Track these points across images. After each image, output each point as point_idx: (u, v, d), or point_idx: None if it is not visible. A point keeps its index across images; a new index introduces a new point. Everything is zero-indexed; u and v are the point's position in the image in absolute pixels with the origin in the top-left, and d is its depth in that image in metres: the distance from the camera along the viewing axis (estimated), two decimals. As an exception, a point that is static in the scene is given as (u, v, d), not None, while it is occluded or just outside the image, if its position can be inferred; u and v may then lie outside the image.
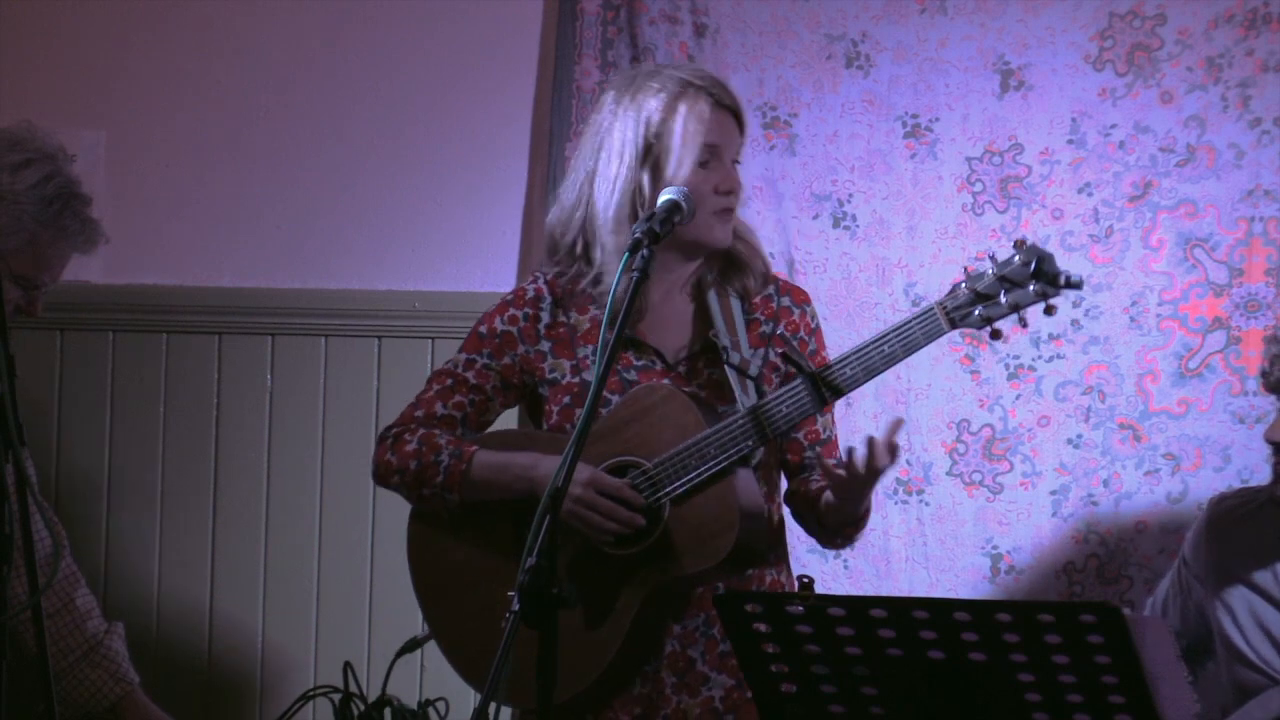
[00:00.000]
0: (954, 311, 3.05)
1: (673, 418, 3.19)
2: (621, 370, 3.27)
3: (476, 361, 3.35)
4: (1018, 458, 4.06)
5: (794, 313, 3.34)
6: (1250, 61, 3.98)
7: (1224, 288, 3.99)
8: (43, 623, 2.77)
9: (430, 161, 4.39)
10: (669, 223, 3.07)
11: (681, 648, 3.25)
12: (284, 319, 4.42)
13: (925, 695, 2.74)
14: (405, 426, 3.35)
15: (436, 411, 3.34)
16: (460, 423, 3.34)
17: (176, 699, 3.70)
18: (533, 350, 3.33)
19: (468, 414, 3.35)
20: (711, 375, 3.28)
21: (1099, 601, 2.93)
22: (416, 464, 3.29)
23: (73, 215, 3.34)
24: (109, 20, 4.53)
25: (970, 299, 3.05)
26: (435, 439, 3.30)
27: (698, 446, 3.15)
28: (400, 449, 3.32)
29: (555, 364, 3.32)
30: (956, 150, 4.11)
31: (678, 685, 3.25)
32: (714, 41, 4.21)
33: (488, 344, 3.34)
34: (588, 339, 3.31)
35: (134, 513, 4.44)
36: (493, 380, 3.34)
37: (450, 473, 3.26)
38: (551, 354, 3.33)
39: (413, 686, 4.17)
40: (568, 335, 3.33)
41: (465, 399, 3.35)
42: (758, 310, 3.32)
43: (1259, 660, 3.46)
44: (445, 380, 3.36)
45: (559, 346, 3.33)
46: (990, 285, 3.03)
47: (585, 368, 3.30)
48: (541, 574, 2.72)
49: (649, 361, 3.29)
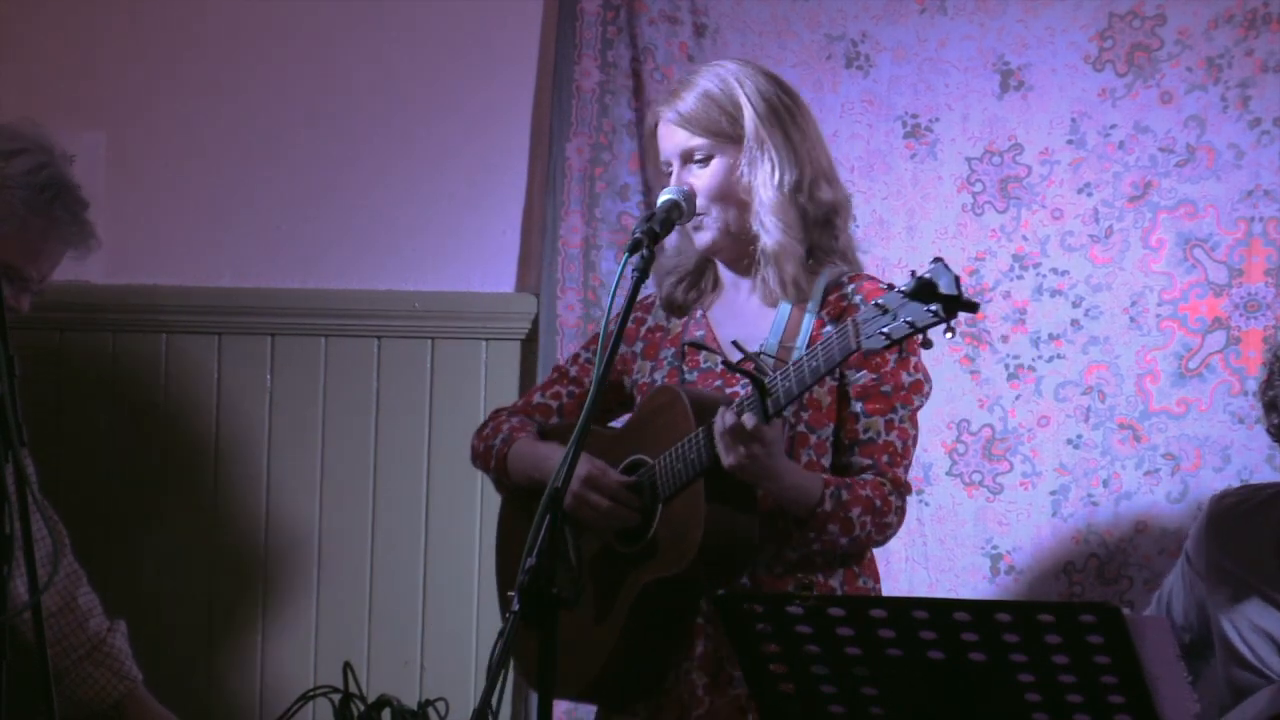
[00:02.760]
0: (862, 328, 2.96)
1: (673, 418, 3.20)
2: (685, 372, 3.31)
3: (581, 356, 3.48)
4: (1017, 458, 4.06)
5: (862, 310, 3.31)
6: (1250, 62, 3.98)
7: (1224, 288, 3.99)
8: (43, 622, 2.77)
9: (430, 161, 4.39)
10: (668, 222, 3.08)
11: (713, 648, 3.25)
12: (284, 319, 4.42)
13: (925, 695, 2.75)
14: (503, 409, 3.50)
15: (534, 400, 3.50)
16: (556, 412, 3.46)
17: (177, 699, 3.70)
18: (629, 351, 3.41)
19: (564, 404, 3.45)
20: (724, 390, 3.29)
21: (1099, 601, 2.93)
22: (483, 446, 3.44)
23: (63, 207, 3.33)
24: (109, 20, 4.53)
25: (874, 315, 2.96)
26: (503, 423, 3.44)
27: (683, 449, 3.16)
28: (481, 431, 3.48)
29: (641, 365, 3.38)
30: (956, 150, 4.11)
31: (710, 685, 3.25)
32: (714, 41, 4.21)
33: (596, 341, 3.35)
34: (673, 343, 3.35)
35: (134, 512, 4.44)
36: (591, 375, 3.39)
37: (498, 456, 3.40)
38: (642, 355, 3.39)
39: (413, 686, 4.17)
40: (660, 339, 3.38)
41: (564, 390, 3.47)
42: (827, 307, 3.27)
43: (1255, 659, 3.46)
44: (554, 372, 3.53)
45: (649, 348, 3.39)
46: (893, 303, 2.94)
47: (661, 367, 3.35)
48: (541, 574, 2.72)
49: (714, 364, 3.29)
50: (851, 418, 3.25)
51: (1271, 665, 3.45)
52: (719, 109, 3.25)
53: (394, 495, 4.35)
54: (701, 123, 3.25)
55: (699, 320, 3.35)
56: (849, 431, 3.25)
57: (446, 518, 4.30)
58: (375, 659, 4.29)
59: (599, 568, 3.26)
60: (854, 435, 3.25)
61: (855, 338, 2.97)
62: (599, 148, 4.26)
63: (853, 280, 3.28)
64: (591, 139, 4.26)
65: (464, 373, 4.31)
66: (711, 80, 3.27)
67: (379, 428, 4.36)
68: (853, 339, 2.98)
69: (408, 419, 4.34)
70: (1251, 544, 3.52)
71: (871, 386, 3.24)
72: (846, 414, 3.25)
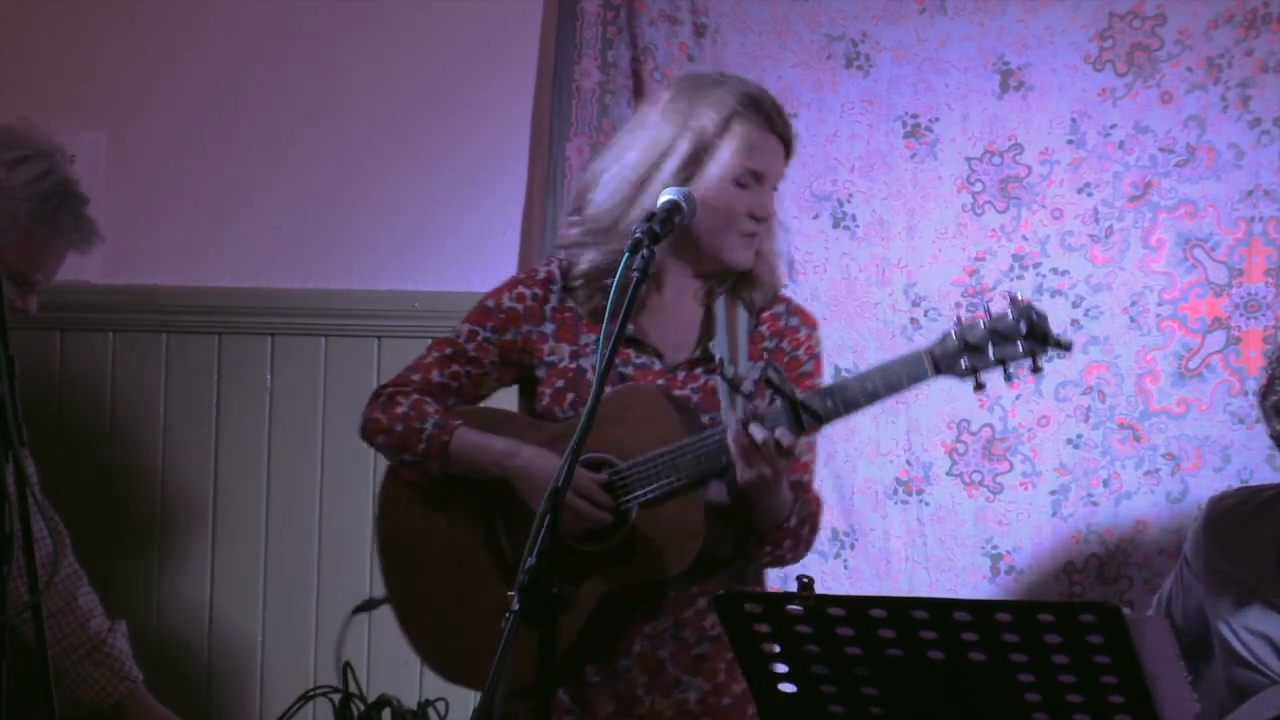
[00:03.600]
0: (941, 359, 3.04)
1: (653, 421, 3.19)
2: (620, 365, 3.28)
3: (478, 334, 3.36)
4: (1018, 458, 4.06)
5: (800, 333, 3.34)
6: (1250, 61, 3.98)
7: (1224, 288, 3.99)
8: (43, 622, 2.77)
9: (430, 161, 4.39)
10: (669, 222, 3.07)
11: (652, 648, 3.26)
12: (284, 319, 4.42)
13: (925, 695, 2.75)
14: (399, 388, 3.36)
15: (432, 378, 3.35)
16: (455, 393, 3.36)
17: (177, 699, 3.70)
18: (535, 331, 3.34)
19: (463, 385, 3.36)
20: (708, 382, 3.28)
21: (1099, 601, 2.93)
22: (403, 427, 3.30)
23: (68, 213, 3.34)
24: (109, 20, 4.53)
25: (958, 349, 3.03)
26: (424, 406, 3.31)
27: (672, 455, 3.15)
28: (390, 409, 3.33)
29: (555, 347, 3.33)
30: (956, 150, 4.11)
31: (650, 685, 3.26)
32: (714, 41, 4.21)
33: (492, 318, 3.35)
34: (591, 328, 3.31)
35: (134, 512, 4.44)
36: (491, 354, 3.35)
37: (432, 442, 3.27)
38: (554, 337, 3.34)
39: (413, 686, 4.17)
40: (573, 320, 3.34)
41: (462, 370, 3.36)
42: (764, 324, 3.32)
43: (1254, 660, 3.46)
44: (445, 349, 3.37)
45: (562, 330, 3.34)
46: (980, 337, 3.02)
47: (585, 354, 3.31)
48: (541, 574, 2.72)
49: (648, 360, 3.30)
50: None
51: (1272, 667, 3.45)
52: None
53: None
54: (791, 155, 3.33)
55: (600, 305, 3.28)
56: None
57: (446, 518, 4.30)
58: (375, 659, 4.29)
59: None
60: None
61: (932, 367, 3.02)
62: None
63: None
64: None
65: (464, 373, 4.31)
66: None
67: (379, 428, 4.35)
68: (928, 368, 3.03)
69: (408, 419, 4.34)
70: (1250, 546, 3.51)
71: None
72: None
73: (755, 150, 3.25)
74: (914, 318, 4.11)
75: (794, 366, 3.31)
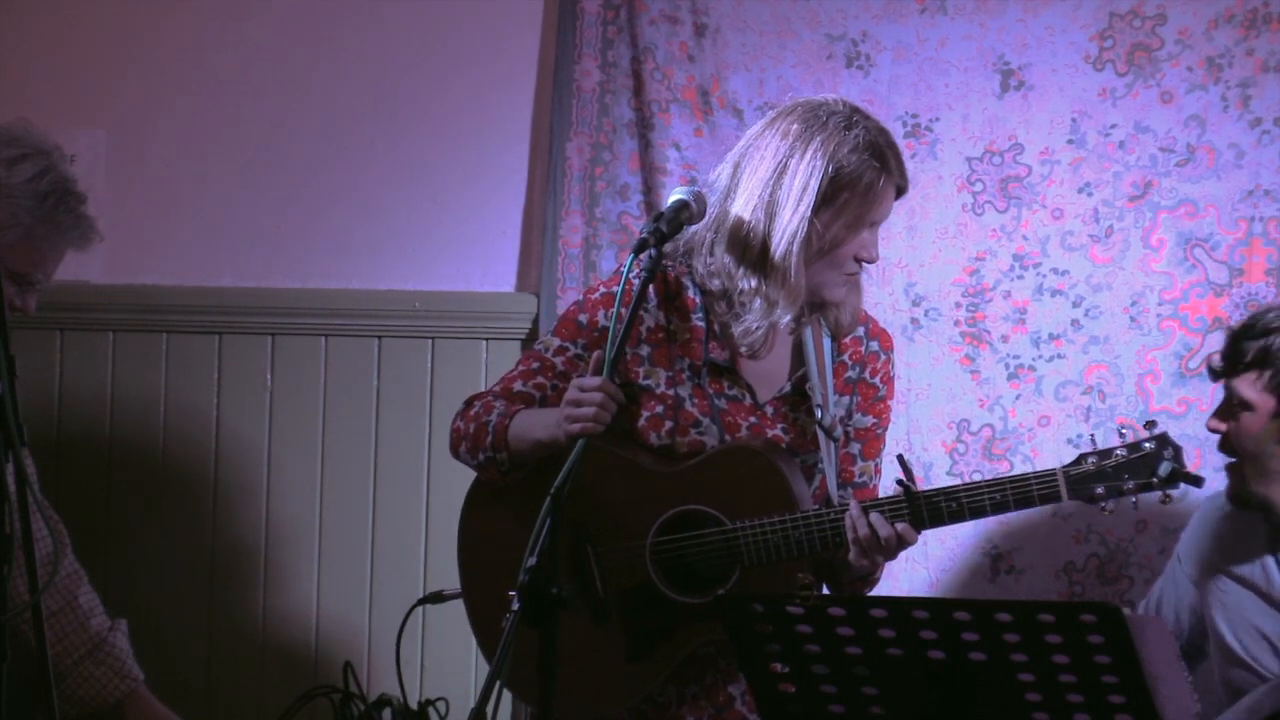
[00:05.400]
0: (1076, 484, 3.07)
1: (764, 487, 3.16)
2: (713, 396, 3.24)
3: (569, 350, 3.28)
4: (1018, 457, 4.06)
5: (879, 359, 3.33)
6: (1250, 61, 3.98)
7: (1224, 287, 3.99)
8: (43, 622, 2.77)
9: (430, 161, 4.39)
10: (676, 223, 3.05)
11: (723, 683, 3.27)
12: (284, 319, 4.42)
13: (925, 695, 2.74)
14: (479, 396, 3.32)
15: (514, 388, 3.29)
16: (538, 403, 3.28)
17: (177, 699, 3.70)
18: (630, 352, 3.26)
19: (546, 396, 3.28)
20: (796, 420, 3.27)
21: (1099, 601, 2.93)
22: (474, 427, 3.25)
23: (67, 211, 3.34)
24: (109, 20, 4.53)
25: (1095, 475, 3.06)
26: (493, 404, 3.26)
27: (785, 528, 3.13)
28: (465, 414, 3.29)
29: (651, 371, 3.26)
30: (956, 150, 4.11)
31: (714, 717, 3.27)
32: (714, 41, 4.21)
33: (585, 334, 3.26)
34: (687, 352, 3.25)
35: (134, 512, 4.44)
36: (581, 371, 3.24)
37: (497, 431, 3.22)
38: (650, 360, 3.26)
39: (413, 686, 4.17)
40: (667, 344, 3.26)
41: (547, 382, 3.29)
42: (846, 351, 3.29)
43: (1250, 658, 3.46)
44: (532, 362, 3.31)
45: (658, 354, 3.26)
46: (1115, 467, 3.06)
47: (680, 381, 3.25)
48: (541, 574, 2.72)
49: (740, 394, 3.26)
50: (848, 458, 3.30)
51: (1267, 665, 3.45)
52: None
53: (394, 495, 4.35)
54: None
55: (719, 338, 3.26)
56: (845, 472, 3.31)
57: (447, 518, 4.29)
58: (375, 659, 4.29)
59: (636, 603, 3.21)
60: (850, 476, 3.31)
61: (1066, 490, 3.06)
62: (599, 147, 4.26)
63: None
64: (592, 139, 4.26)
65: (464, 373, 4.31)
66: None
67: (379, 427, 4.36)
68: (1064, 491, 3.06)
69: (408, 419, 4.34)
70: (1244, 545, 3.52)
71: (871, 431, 3.30)
72: (843, 452, 3.28)
73: (881, 202, 3.19)
74: (914, 317, 4.11)
75: (871, 393, 3.30)
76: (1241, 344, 3.44)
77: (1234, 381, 3.45)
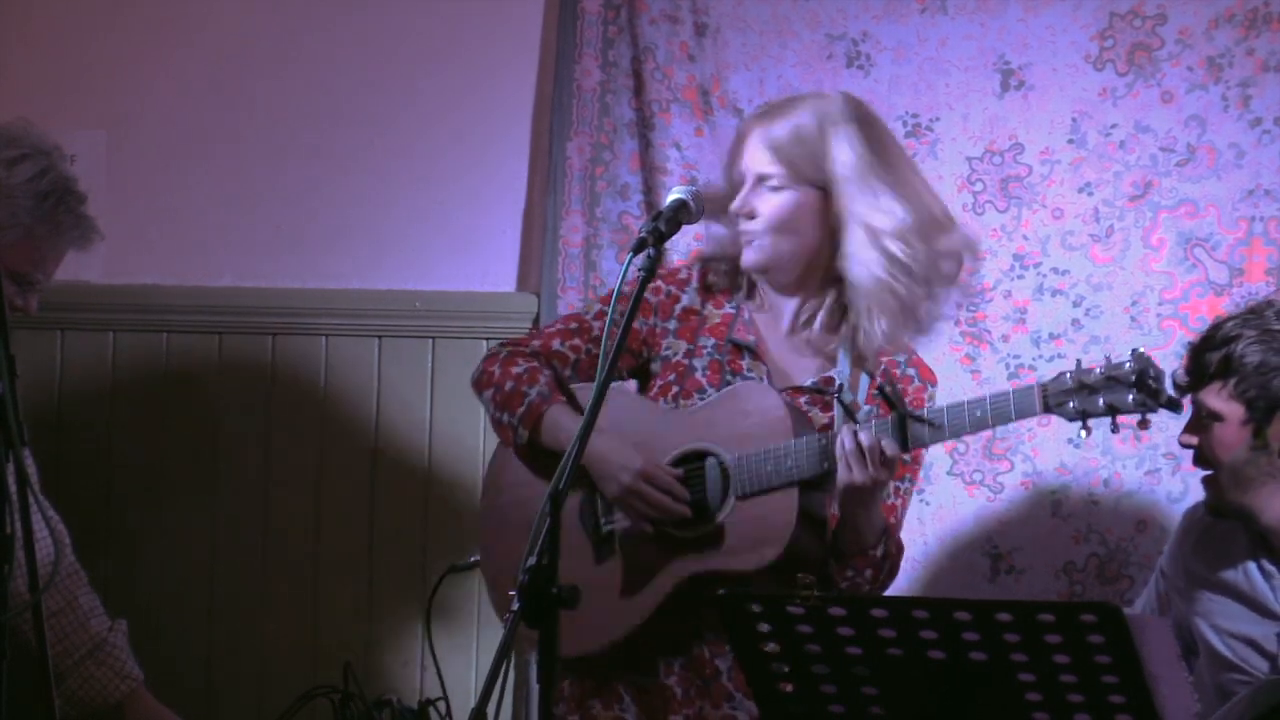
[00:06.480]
0: (1052, 396, 3.06)
1: (764, 419, 3.20)
2: (729, 373, 3.29)
3: (607, 314, 3.34)
4: (1018, 457, 4.06)
5: (914, 383, 3.34)
6: (1250, 61, 3.98)
7: (1224, 287, 3.99)
8: (43, 622, 2.77)
9: (430, 161, 4.39)
10: (675, 221, 3.07)
11: (710, 655, 3.26)
12: (284, 319, 4.42)
13: (925, 695, 2.74)
14: (518, 348, 3.38)
15: (552, 346, 3.38)
16: (573, 365, 3.37)
17: (177, 699, 3.70)
18: (661, 325, 3.36)
19: (581, 360, 3.37)
20: (809, 413, 3.28)
21: (1099, 601, 2.93)
22: (512, 386, 3.31)
23: (67, 211, 3.34)
24: (109, 20, 4.53)
25: (1071, 388, 3.04)
26: (539, 374, 3.32)
27: (777, 454, 3.16)
28: (508, 366, 3.34)
29: (673, 343, 3.35)
30: (957, 150, 4.11)
31: (701, 690, 3.26)
32: (714, 41, 4.21)
33: (623, 303, 3.23)
34: (713, 332, 3.34)
35: (134, 512, 4.44)
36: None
37: (531, 410, 3.28)
38: (674, 334, 3.35)
39: (413, 686, 4.17)
40: (696, 323, 3.35)
41: (583, 345, 3.38)
42: (879, 368, 3.31)
43: (1240, 661, 3.47)
44: (571, 323, 3.40)
45: (684, 329, 3.35)
46: (1094, 381, 3.03)
47: (698, 353, 3.32)
48: (541, 573, 2.72)
49: (758, 377, 3.30)
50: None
51: (1257, 666, 3.45)
52: (805, 149, 3.26)
53: (394, 494, 4.35)
54: (784, 154, 3.26)
55: (748, 324, 3.33)
56: None
57: (447, 517, 4.30)
58: (375, 659, 4.29)
59: (634, 539, 3.24)
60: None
61: (1041, 403, 3.04)
62: (600, 147, 4.26)
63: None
64: (592, 138, 4.26)
65: (465, 372, 4.26)
66: (809, 116, 3.27)
67: (379, 427, 4.36)
68: (1038, 404, 3.05)
69: (408, 418, 4.34)
70: (1228, 551, 3.52)
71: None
72: None
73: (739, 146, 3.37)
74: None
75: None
76: (1204, 356, 3.45)
77: (1200, 394, 3.46)
